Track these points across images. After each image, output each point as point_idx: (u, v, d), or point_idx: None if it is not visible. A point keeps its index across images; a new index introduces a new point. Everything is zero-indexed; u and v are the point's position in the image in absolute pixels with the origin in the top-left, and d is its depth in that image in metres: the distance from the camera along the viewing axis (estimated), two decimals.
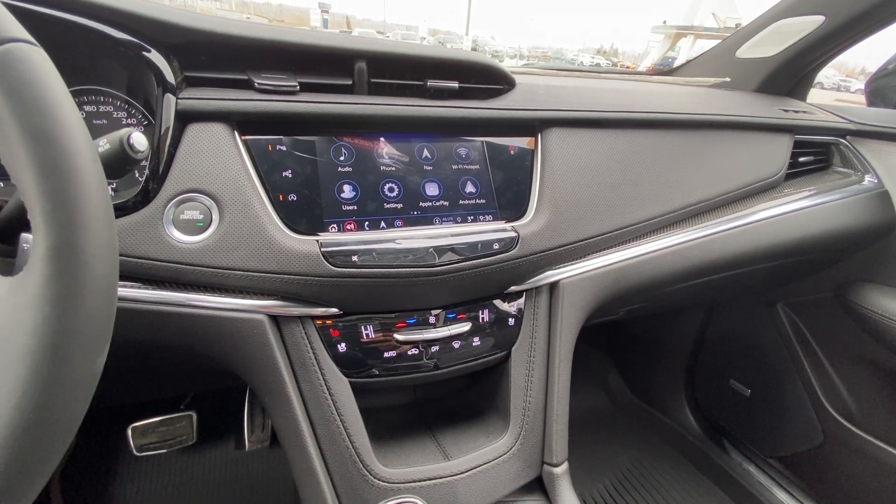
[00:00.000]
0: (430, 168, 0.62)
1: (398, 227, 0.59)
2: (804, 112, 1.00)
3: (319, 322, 0.58)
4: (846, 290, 1.07)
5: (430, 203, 0.61)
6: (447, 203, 0.62)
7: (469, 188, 0.64)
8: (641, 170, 0.75)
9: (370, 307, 0.61)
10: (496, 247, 0.61)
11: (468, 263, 0.59)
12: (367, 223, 0.58)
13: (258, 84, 0.54)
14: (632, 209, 0.73)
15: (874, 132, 1.03)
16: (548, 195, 0.66)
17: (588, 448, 1.41)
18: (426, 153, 0.62)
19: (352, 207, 0.57)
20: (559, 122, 0.69)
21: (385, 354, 0.62)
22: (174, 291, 0.52)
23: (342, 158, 0.58)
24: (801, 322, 1.20)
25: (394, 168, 0.60)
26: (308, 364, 0.58)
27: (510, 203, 0.65)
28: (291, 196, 0.55)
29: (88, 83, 0.54)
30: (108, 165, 0.37)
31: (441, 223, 0.61)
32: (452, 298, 0.65)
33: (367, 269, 0.55)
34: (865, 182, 0.98)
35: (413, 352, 0.63)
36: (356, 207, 0.57)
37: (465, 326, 0.65)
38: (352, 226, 0.57)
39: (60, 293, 0.27)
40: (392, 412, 0.78)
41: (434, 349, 0.64)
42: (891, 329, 0.97)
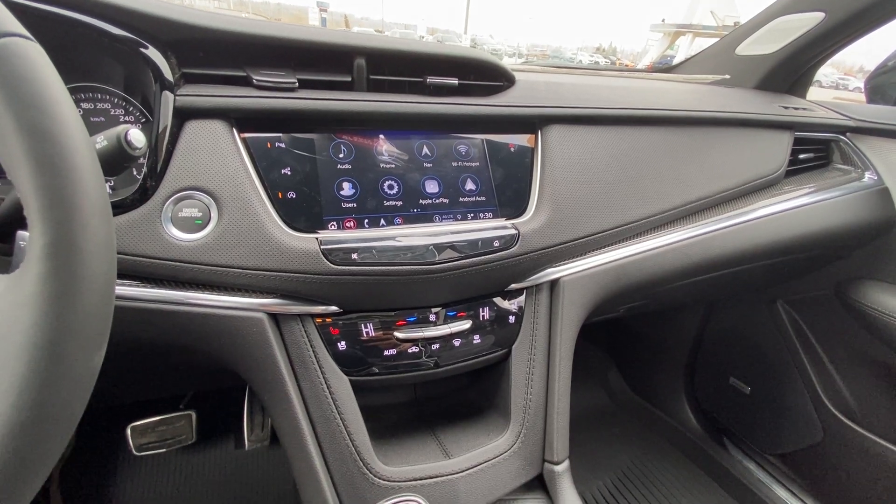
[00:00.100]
0: (430, 165, 0.62)
1: (398, 225, 0.59)
2: (804, 109, 0.99)
3: (319, 320, 0.58)
4: (846, 288, 1.07)
5: (430, 200, 0.61)
6: (447, 200, 0.62)
7: (469, 185, 0.63)
8: (641, 167, 0.75)
9: (370, 305, 0.61)
10: (496, 244, 0.60)
11: (468, 261, 0.59)
12: (367, 221, 0.58)
13: (257, 81, 0.54)
14: (632, 206, 0.73)
15: (874, 129, 1.03)
16: (548, 192, 0.66)
17: (588, 446, 1.41)
18: (426, 150, 0.62)
19: (351, 205, 0.57)
20: (559, 119, 0.69)
21: (385, 353, 0.62)
22: (173, 289, 0.51)
23: (341, 156, 0.58)
24: (801, 319, 1.20)
25: (393, 165, 0.60)
26: (308, 362, 0.58)
27: (510, 200, 0.65)
28: (290, 193, 0.54)
29: (86, 80, 0.54)
30: (106, 163, 0.37)
31: (441, 221, 0.61)
32: (453, 296, 0.65)
33: (367, 267, 0.55)
34: (865, 179, 0.98)
35: (413, 350, 0.63)
36: (356, 205, 0.57)
37: (466, 324, 0.65)
38: (351, 223, 0.57)
39: (57, 291, 0.26)
40: (392, 410, 0.78)
41: (434, 347, 0.64)
42: (890, 326, 0.97)
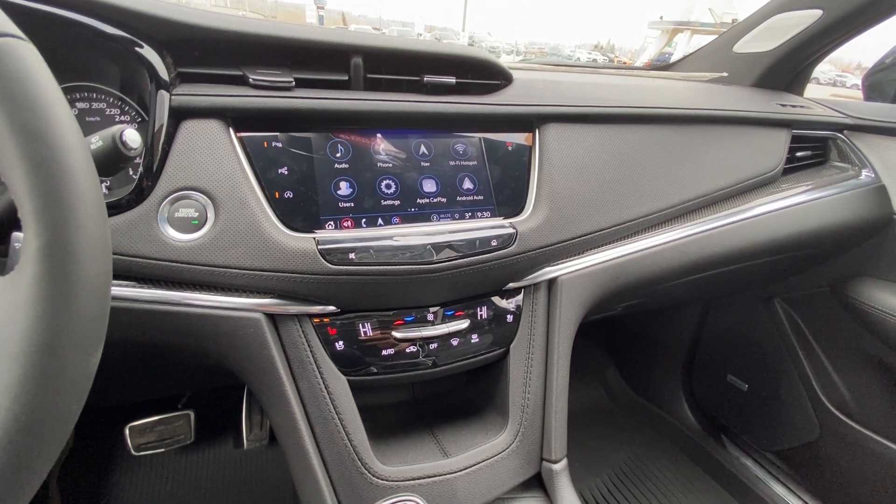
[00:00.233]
0: (428, 164, 0.62)
1: (395, 224, 0.59)
2: (801, 107, 0.99)
3: (317, 320, 0.58)
4: (843, 285, 1.07)
5: (428, 200, 0.61)
6: (445, 199, 0.62)
7: (467, 184, 0.63)
8: (639, 165, 0.75)
9: (368, 305, 0.61)
10: (494, 243, 0.60)
11: (466, 260, 0.59)
12: (365, 220, 0.57)
13: (253, 80, 0.53)
14: (630, 205, 0.73)
15: (871, 126, 1.03)
16: (546, 191, 0.66)
17: (586, 444, 1.41)
18: (423, 149, 0.62)
19: (349, 204, 0.57)
20: (557, 118, 0.69)
21: (383, 352, 0.62)
22: (170, 290, 0.51)
23: (339, 155, 0.58)
24: (798, 317, 1.21)
25: (391, 164, 0.60)
26: (306, 362, 0.58)
27: (508, 199, 0.65)
28: (287, 193, 0.54)
29: (81, 80, 0.53)
30: (101, 163, 0.37)
31: (439, 220, 0.61)
32: (451, 295, 0.65)
33: (365, 267, 0.55)
34: (862, 177, 0.98)
35: (411, 349, 0.63)
36: (353, 204, 0.57)
37: (464, 324, 0.65)
38: (349, 223, 0.57)
39: (52, 293, 0.26)
40: (390, 410, 0.78)
41: (432, 347, 0.64)
42: (887, 323, 0.98)
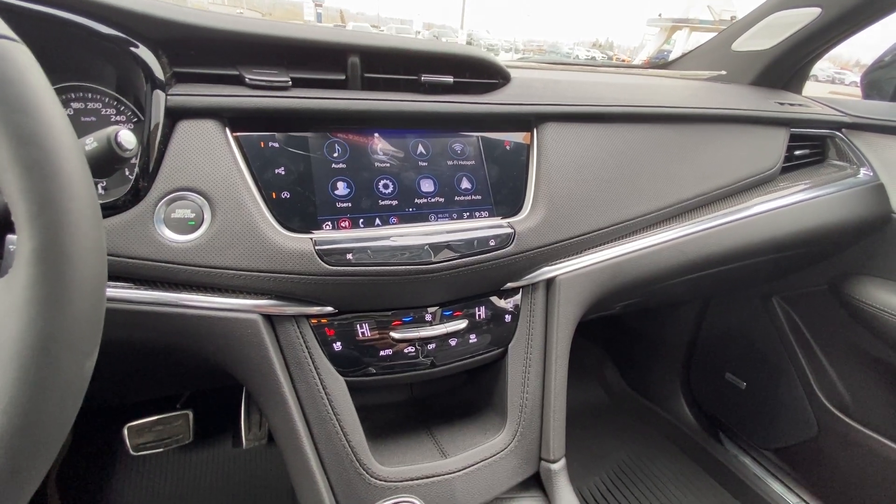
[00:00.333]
0: (425, 164, 0.62)
1: (393, 225, 0.58)
2: (800, 105, 0.99)
3: (314, 321, 0.58)
4: (841, 283, 1.07)
5: (426, 199, 0.61)
6: (443, 199, 0.61)
7: (465, 184, 0.63)
8: (638, 164, 0.74)
9: (366, 305, 0.61)
10: (492, 243, 0.60)
11: (464, 260, 0.59)
12: (362, 220, 0.57)
13: (249, 80, 0.53)
14: (628, 204, 0.73)
15: (870, 125, 1.03)
16: (544, 191, 0.66)
17: (585, 442, 1.41)
18: (421, 149, 0.62)
19: (346, 205, 0.57)
20: (555, 117, 0.69)
21: (381, 353, 0.62)
22: (166, 291, 0.51)
23: (336, 155, 0.57)
24: (796, 315, 1.21)
25: (388, 164, 0.60)
26: (303, 363, 0.58)
27: (506, 199, 0.65)
28: (284, 193, 0.54)
29: (76, 80, 0.53)
30: (96, 164, 0.36)
31: (437, 220, 0.61)
32: (449, 296, 0.65)
33: (363, 268, 0.54)
34: (861, 175, 0.98)
35: (409, 350, 0.63)
36: (350, 204, 0.57)
37: (462, 324, 0.65)
38: (346, 223, 0.56)
39: (46, 296, 0.26)
40: (388, 410, 0.78)
41: (430, 347, 0.64)
42: (884, 321, 0.98)
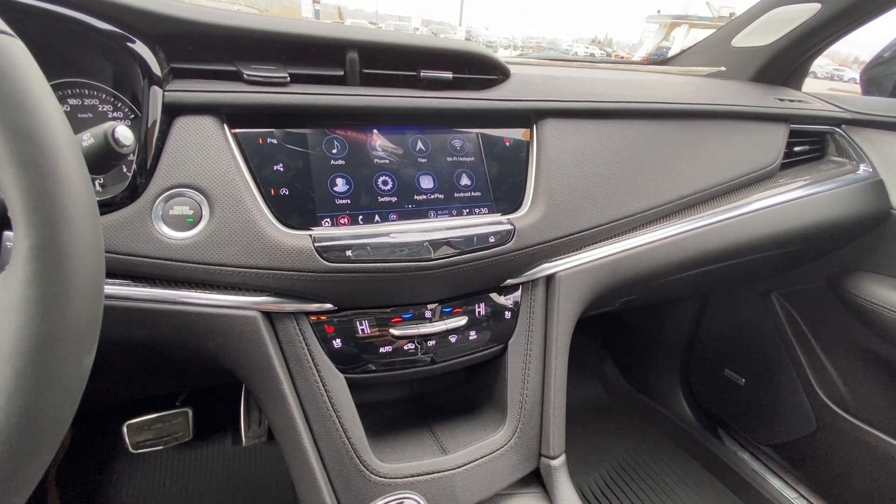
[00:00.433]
0: (425, 160, 0.61)
1: (393, 221, 0.58)
2: (800, 101, 0.99)
3: (314, 318, 0.58)
4: (839, 280, 1.07)
5: (425, 196, 0.60)
6: (442, 196, 0.61)
7: (464, 180, 0.63)
8: (637, 161, 0.74)
9: (365, 302, 0.61)
10: (492, 240, 0.60)
11: (464, 257, 0.59)
12: (361, 217, 0.57)
13: (247, 76, 0.53)
14: (628, 200, 0.73)
15: (869, 121, 1.03)
16: (543, 187, 0.66)
17: (584, 438, 1.42)
18: (420, 145, 0.62)
19: (345, 201, 0.56)
20: (555, 113, 0.69)
21: (381, 350, 0.61)
22: (165, 289, 0.51)
23: (335, 151, 0.57)
24: (795, 311, 1.21)
25: (387, 161, 0.59)
26: (303, 360, 0.57)
27: (506, 195, 0.65)
28: (283, 190, 0.54)
29: (72, 76, 0.53)
30: (93, 160, 0.36)
31: (436, 216, 0.61)
32: (448, 292, 0.64)
33: (362, 264, 0.54)
34: (860, 171, 0.98)
35: (409, 347, 0.63)
36: (350, 201, 0.57)
37: (462, 320, 0.65)
38: (345, 220, 0.56)
39: (44, 294, 0.26)
40: (388, 407, 0.78)
41: (430, 344, 0.64)
42: (883, 317, 0.98)
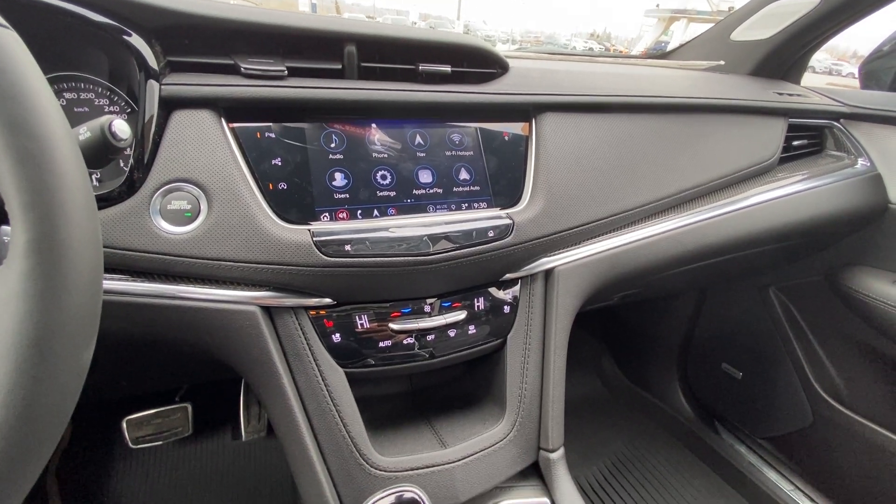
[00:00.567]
0: (423, 155, 0.61)
1: (391, 216, 0.58)
2: (798, 95, 0.99)
3: (313, 312, 0.58)
4: (837, 274, 1.08)
5: (424, 190, 0.60)
6: (441, 190, 0.61)
7: (463, 175, 0.63)
8: (636, 155, 0.74)
9: (364, 297, 0.60)
10: (491, 234, 0.60)
11: (463, 251, 0.59)
12: (360, 212, 0.57)
13: (245, 69, 0.52)
14: (627, 195, 0.73)
15: (868, 115, 1.03)
16: (542, 181, 0.65)
17: (583, 432, 1.43)
18: (419, 139, 0.61)
19: (344, 196, 0.56)
20: (554, 107, 0.68)
21: (380, 344, 0.62)
22: (163, 283, 0.51)
23: (333, 145, 0.57)
24: (793, 305, 1.22)
25: (386, 155, 0.59)
26: (302, 355, 0.57)
27: (505, 190, 0.65)
28: (281, 185, 0.54)
29: (68, 69, 0.52)
30: (90, 154, 0.36)
31: (435, 211, 0.60)
32: (447, 287, 0.64)
33: (361, 259, 0.54)
34: (858, 165, 0.98)
35: (408, 341, 0.63)
36: (348, 196, 0.56)
37: (461, 315, 0.65)
38: (344, 214, 0.56)
39: (42, 288, 0.26)
40: (388, 401, 0.78)
41: (429, 338, 0.64)
42: (880, 311, 0.98)
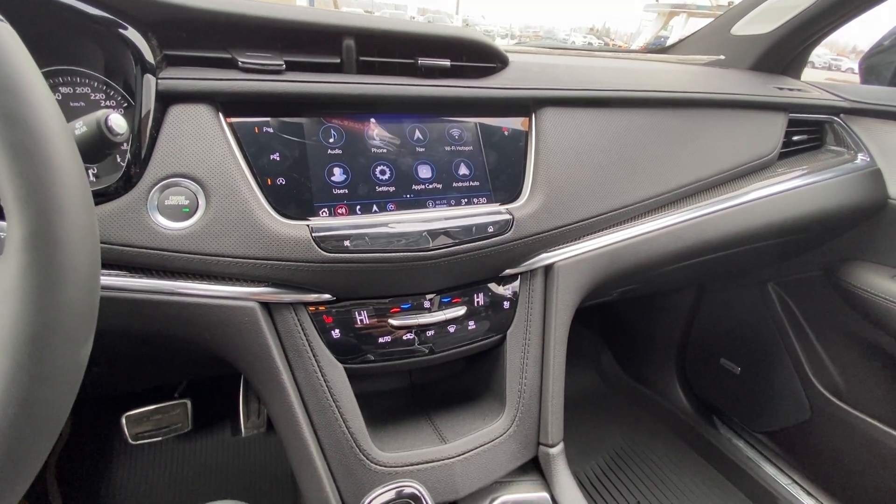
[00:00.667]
0: (423, 150, 0.61)
1: (391, 211, 0.58)
2: (799, 90, 0.99)
3: (312, 308, 0.58)
4: (836, 269, 1.08)
5: (423, 186, 0.60)
6: (440, 185, 0.61)
7: (462, 170, 0.62)
8: (637, 150, 0.74)
9: (364, 292, 0.60)
10: (491, 230, 0.60)
11: (463, 247, 0.58)
12: (359, 207, 0.57)
13: (242, 63, 0.52)
14: (627, 190, 0.72)
15: (868, 110, 1.03)
16: (542, 177, 0.65)
17: (581, 427, 1.43)
18: (418, 134, 0.61)
19: (343, 191, 0.56)
20: (554, 102, 0.68)
21: (380, 340, 0.61)
22: (162, 279, 0.50)
23: (332, 140, 0.56)
24: (791, 300, 1.22)
25: (385, 150, 0.59)
26: (302, 351, 0.57)
27: (504, 185, 0.64)
28: (280, 180, 0.53)
29: (63, 63, 0.52)
30: (86, 149, 0.35)
31: (434, 206, 0.60)
32: (447, 282, 0.64)
33: (360, 254, 0.54)
34: (858, 161, 0.98)
35: (408, 337, 0.63)
36: (347, 191, 0.56)
37: (460, 310, 0.65)
38: (343, 210, 0.56)
39: (39, 283, 0.26)
40: (388, 397, 0.78)
41: (429, 334, 0.64)
42: (878, 306, 0.99)
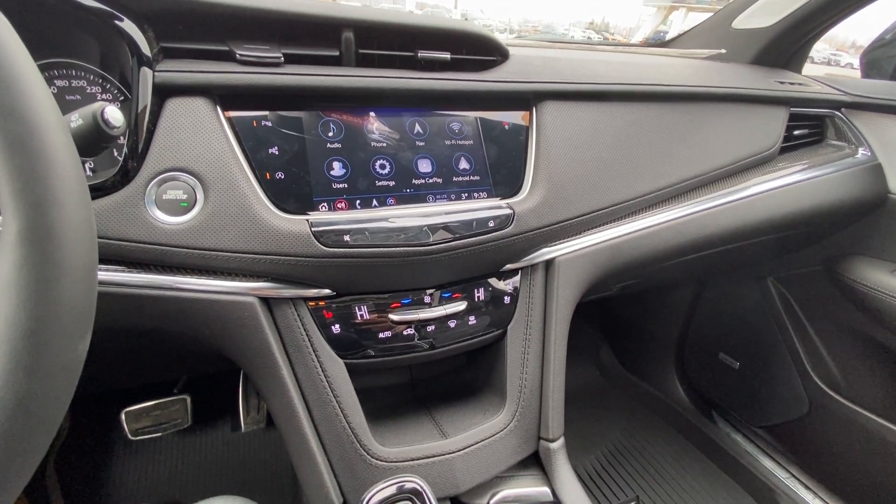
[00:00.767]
0: (423, 144, 0.60)
1: (390, 206, 0.58)
2: (800, 84, 0.98)
3: (312, 304, 0.57)
4: (835, 264, 1.08)
5: (423, 180, 0.60)
6: (440, 180, 0.60)
7: (463, 164, 0.62)
8: (637, 144, 0.73)
9: (364, 287, 0.60)
10: (491, 224, 0.59)
11: (463, 242, 0.58)
12: (359, 201, 0.56)
13: (240, 55, 0.51)
14: (627, 184, 0.72)
15: (869, 104, 1.02)
16: (543, 171, 0.65)
17: (581, 422, 1.44)
18: (418, 128, 0.60)
19: (342, 185, 0.56)
20: (555, 95, 0.67)
21: (380, 335, 0.61)
22: (160, 274, 0.50)
23: (331, 134, 0.56)
24: (791, 295, 1.22)
25: (385, 144, 0.58)
26: (302, 346, 0.57)
27: (505, 179, 0.64)
28: (279, 174, 0.53)
29: (59, 56, 0.51)
30: (82, 142, 0.35)
31: (434, 201, 0.60)
32: (447, 277, 0.64)
33: (360, 249, 0.54)
34: (859, 155, 0.98)
35: (408, 332, 0.63)
36: (347, 185, 0.56)
37: (461, 305, 0.65)
38: (343, 204, 0.55)
39: (36, 278, 0.25)
40: (388, 392, 0.78)
41: (429, 329, 0.64)
42: (878, 301, 0.99)
